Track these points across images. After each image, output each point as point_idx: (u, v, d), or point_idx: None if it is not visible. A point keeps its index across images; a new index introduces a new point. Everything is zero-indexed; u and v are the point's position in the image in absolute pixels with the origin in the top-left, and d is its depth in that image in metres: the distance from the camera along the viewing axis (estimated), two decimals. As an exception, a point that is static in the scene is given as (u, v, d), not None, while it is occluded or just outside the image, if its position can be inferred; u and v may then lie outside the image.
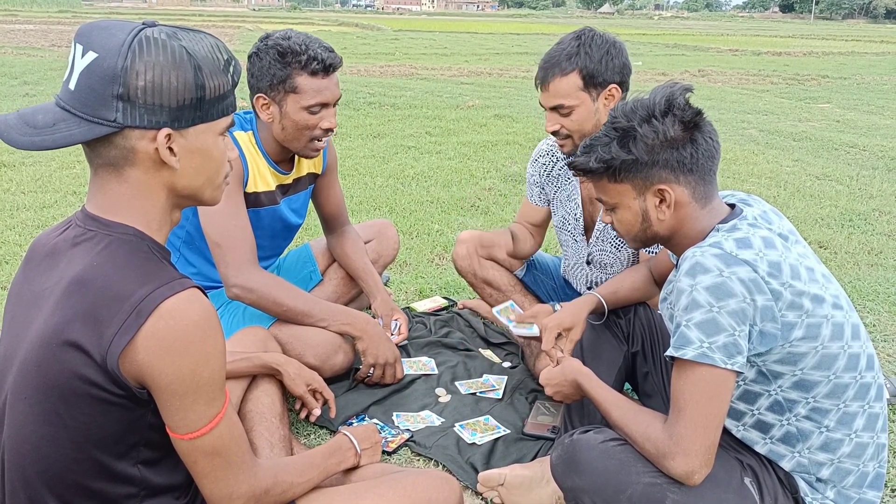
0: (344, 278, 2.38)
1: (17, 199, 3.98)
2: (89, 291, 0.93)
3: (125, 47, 0.92)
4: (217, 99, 0.99)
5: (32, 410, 0.97)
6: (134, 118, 0.94)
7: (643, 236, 1.38)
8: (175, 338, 0.93)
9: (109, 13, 40.61)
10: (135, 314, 0.92)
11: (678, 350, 1.21)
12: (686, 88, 1.30)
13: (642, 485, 1.26)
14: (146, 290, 0.93)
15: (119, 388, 0.95)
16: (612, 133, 1.32)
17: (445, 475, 1.44)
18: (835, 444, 1.30)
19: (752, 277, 1.19)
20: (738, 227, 1.27)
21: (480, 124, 6.72)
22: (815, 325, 1.23)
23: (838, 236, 3.74)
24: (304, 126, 1.88)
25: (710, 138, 1.30)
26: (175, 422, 0.98)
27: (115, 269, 0.95)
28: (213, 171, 1.03)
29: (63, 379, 0.94)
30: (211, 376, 0.98)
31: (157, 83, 0.93)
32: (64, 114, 0.94)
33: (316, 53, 1.83)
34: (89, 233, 0.99)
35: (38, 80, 8.74)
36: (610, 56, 1.90)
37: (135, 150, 0.96)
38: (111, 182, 0.99)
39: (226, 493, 1.05)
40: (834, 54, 19.36)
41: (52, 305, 0.96)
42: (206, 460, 1.02)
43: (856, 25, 60.62)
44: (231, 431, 1.03)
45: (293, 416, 1.97)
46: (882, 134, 6.92)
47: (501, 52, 17.95)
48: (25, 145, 0.92)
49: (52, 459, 0.98)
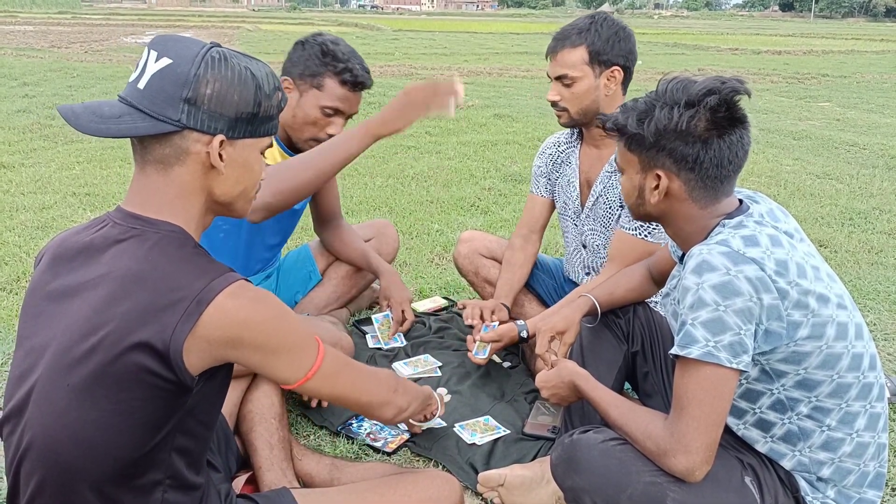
0: (344, 277, 2.38)
1: (17, 200, 3.98)
2: (148, 285, 1.00)
3: (199, 58, 1.03)
4: (267, 118, 1.10)
5: (78, 397, 1.00)
6: (196, 121, 1.03)
7: (637, 210, 1.40)
8: (244, 311, 1.01)
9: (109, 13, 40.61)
10: (195, 303, 0.98)
11: (683, 349, 1.20)
12: (735, 90, 1.26)
13: (642, 484, 1.26)
14: (203, 282, 1.00)
15: (172, 374, 0.99)
16: (640, 105, 1.32)
17: (446, 475, 1.44)
18: (836, 443, 1.29)
19: (759, 276, 1.18)
20: (744, 224, 1.26)
21: (480, 124, 6.71)
22: (819, 325, 1.22)
23: (838, 235, 3.74)
24: (313, 123, 1.95)
25: (728, 147, 1.27)
26: (287, 376, 1.10)
27: (169, 263, 1.02)
28: (250, 183, 1.13)
29: (125, 372, 0.99)
30: (290, 326, 1.08)
31: (222, 93, 1.03)
32: (129, 109, 1.03)
33: (353, 67, 1.93)
34: (134, 230, 1.04)
35: (38, 81, 8.74)
36: (618, 38, 2.01)
37: (188, 151, 1.04)
38: (157, 181, 1.05)
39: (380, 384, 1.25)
40: (834, 53, 19.36)
41: (101, 297, 1.00)
42: (342, 380, 1.17)
43: (856, 24, 60.61)
44: (339, 354, 1.17)
45: (293, 416, 1.97)
46: (882, 132, 6.92)
47: (501, 51, 17.95)
48: (93, 131, 1.01)
49: (93, 443, 1.01)
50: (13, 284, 2.84)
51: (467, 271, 2.50)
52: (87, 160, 4.99)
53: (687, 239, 1.34)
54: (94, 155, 5.13)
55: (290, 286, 2.36)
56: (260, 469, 1.61)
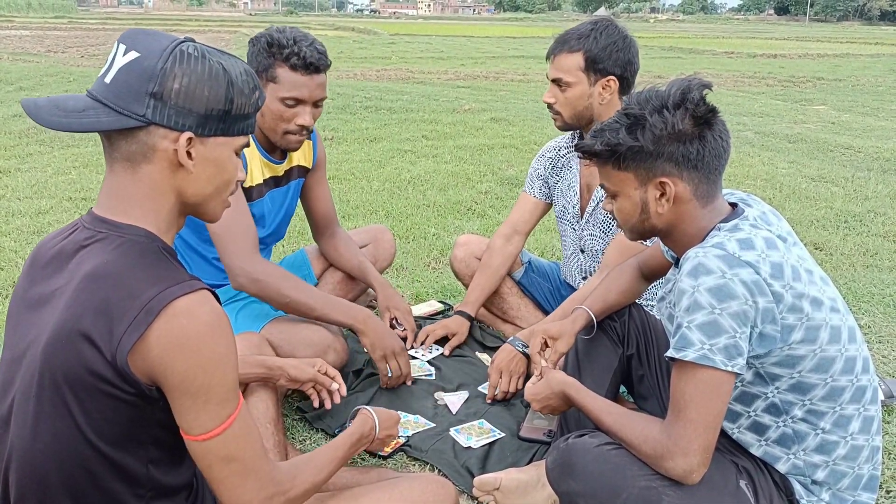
0: (339, 283, 2.38)
1: (13, 205, 3.97)
2: (101, 287, 0.96)
3: (167, 52, 0.99)
4: (241, 117, 1.05)
5: (43, 408, 0.98)
6: (162, 117, 0.99)
7: (640, 228, 1.37)
8: (187, 337, 0.95)
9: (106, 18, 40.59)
10: (144, 312, 0.93)
11: (679, 352, 1.21)
12: (704, 85, 1.29)
13: (638, 488, 1.26)
14: (156, 290, 0.95)
15: (129, 385, 0.96)
16: (622, 119, 1.31)
17: (441, 479, 1.44)
18: (830, 446, 1.30)
19: (754, 279, 1.18)
20: (739, 228, 1.26)
21: (477, 128, 6.72)
22: (813, 328, 1.23)
23: (834, 238, 3.75)
24: (279, 117, 1.92)
25: (719, 137, 1.29)
26: (188, 422, 0.99)
27: (126, 267, 0.98)
28: (223, 184, 1.08)
29: (74, 372, 0.96)
30: (223, 376, 0.98)
31: (190, 89, 0.99)
32: (94, 103, 0.99)
33: (300, 49, 1.86)
34: (100, 234, 1.01)
35: (34, 86, 8.73)
36: (616, 48, 2.00)
37: (155, 147, 1.00)
38: (125, 179, 1.02)
39: (244, 500, 1.03)
40: (829, 56, 19.44)
41: (63, 304, 0.98)
42: (221, 465, 1.01)
43: (850, 27, 60.81)
44: (245, 433, 1.03)
45: (288, 421, 1.97)
46: (877, 135, 6.94)
47: (497, 55, 17.99)
48: (53, 125, 0.97)
49: (63, 456, 0.99)
50: (9, 290, 2.83)
51: (464, 275, 2.51)
52: (82, 165, 4.98)
53: (688, 243, 1.33)
54: (91, 159, 5.13)
55: (285, 291, 2.36)
56: (255, 474, 1.60)
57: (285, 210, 2.19)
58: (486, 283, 2.37)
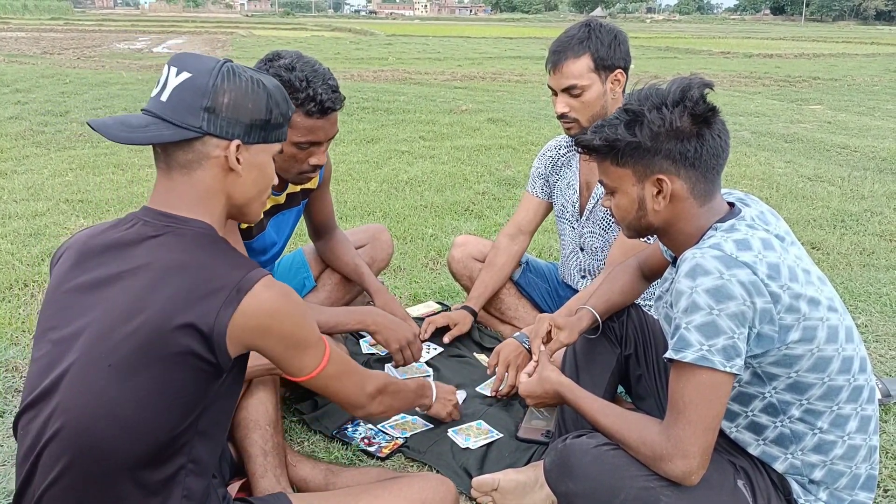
0: (338, 283, 2.38)
1: (9, 207, 3.97)
2: (189, 274, 1.08)
3: (216, 71, 1.13)
4: (277, 125, 1.19)
5: (119, 377, 1.06)
6: (216, 128, 1.12)
7: (637, 225, 1.37)
8: (277, 306, 1.12)
9: (102, 19, 40.52)
10: (235, 291, 1.08)
11: (678, 353, 1.21)
12: (705, 83, 1.30)
13: (635, 489, 1.26)
14: (240, 274, 1.10)
15: (214, 356, 1.07)
16: (622, 115, 1.32)
17: (441, 478, 1.45)
18: (828, 445, 1.30)
19: (751, 280, 1.18)
20: (736, 228, 1.27)
21: (474, 128, 6.73)
22: (811, 328, 1.23)
23: (830, 237, 3.76)
24: (293, 158, 1.84)
25: (718, 136, 1.30)
26: (297, 368, 1.20)
27: (207, 256, 1.11)
28: (264, 186, 1.22)
29: (170, 352, 1.06)
30: (312, 328, 1.20)
31: (237, 102, 1.13)
32: (154, 119, 1.13)
33: (315, 93, 1.74)
34: (168, 227, 1.13)
35: (30, 87, 8.71)
36: (617, 42, 2.04)
37: (209, 155, 1.13)
38: (182, 184, 1.14)
39: (362, 391, 1.34)
40: (825, 56, 19.49)
41: (145, 285, 1.08)
42: (334, 382, 1.27)
43: (846, 27, 60.98)
44: (338, 357, 1.27)
45: (287, 423, 1.97)
46: (873, 135, 6.96)
47: (494, 56, 18.01)
48: (123, 139, 1.10)
49: (130, 422, 1.07)
50: (5, 292, 2.83)
51: (461, 276, 2.51)
52: (79, 167, 4.97)
53: (685, 242, 1.33)
54: (87, 161, 5.12)
55: (283, 292, 2.36)
56: (254, 476, 1.61)
57: (289, 229, 2.19)
58: (490, 281, 2.38)
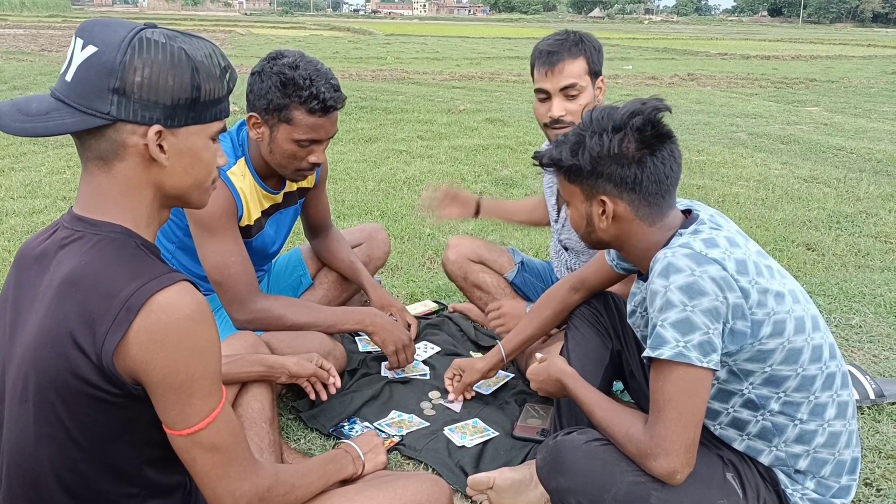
0: (334, 282, 2.38)
1: (7, 204, 3.97)
2: (80, 291, 0.94)
3: (125, 43, 0.94)
4: (211, 102, 1.01)
5: (33, 412, 0.97)
6: (128, 112, 0.95)
7: (589, 238, 1.43)
8: (167, 331, 0.93)
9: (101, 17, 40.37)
10: (125, 310, 0.92)
11: (655, 350, 1.23)
12: (657, 108, 1.30)
13: (626, 484, 1.27)
14: (135, 286, 0.93)
15: (115, 387, 0.95)
16: (570, 137, 1.36)
17: (435, 478, 1.45)
18: (809, 435, 1.33)
19: (722, 275, 1.22)
20: (699, 230, 1.31)
21: (472, 128, 6.73)
22: (780, 322, 1.26)
23: (826, 238, 3.77)
24: (292, 156, 1.86)
25: (661, 163, 1.30)
26: (171, 417, 0.97)
27: (103, 266, 0.96)
28: (202, 174, 1.04)
29: (61, 379, 0.95)
30: (206, 369, 0.97)
31: (153, 80, 0.95)
32: (58, 104, 0.95)
33: (319, 91, 1.77)
34: (77, 233, 0.99)
35: (28, 84, 8.70)
36: (599, 49, 2.07)
37: (125, 144, 0.97)
38: (100, 178, 0.99)
39: (228, 490, 1.03)
40: (822, 58, 19.53)
41: (45, 307, 0.97)
42: (206, 457, 1.00)
43: (843, 29, 61.10)
44: (229, 427, 1.02)
45: (283, 420, 1.98)
46: (869, 137, 6.98)
47: (492, 56, 18.01)
48: (17, 131, 0.94)
49: (56, 460, 0.99)
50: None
51: (456, 276, 2.52)
52: (77, 164, 4.96)
53: (644, 256, 1.37)
54: (85, 159, 5.11)
55: (280, 291, 2.36)
56: (250, 473, 1.60)
57: (287, 228, 2.20)
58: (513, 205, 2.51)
